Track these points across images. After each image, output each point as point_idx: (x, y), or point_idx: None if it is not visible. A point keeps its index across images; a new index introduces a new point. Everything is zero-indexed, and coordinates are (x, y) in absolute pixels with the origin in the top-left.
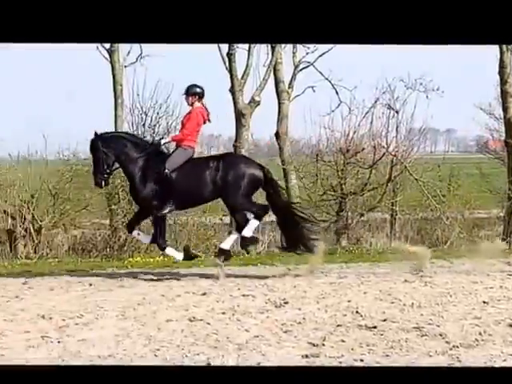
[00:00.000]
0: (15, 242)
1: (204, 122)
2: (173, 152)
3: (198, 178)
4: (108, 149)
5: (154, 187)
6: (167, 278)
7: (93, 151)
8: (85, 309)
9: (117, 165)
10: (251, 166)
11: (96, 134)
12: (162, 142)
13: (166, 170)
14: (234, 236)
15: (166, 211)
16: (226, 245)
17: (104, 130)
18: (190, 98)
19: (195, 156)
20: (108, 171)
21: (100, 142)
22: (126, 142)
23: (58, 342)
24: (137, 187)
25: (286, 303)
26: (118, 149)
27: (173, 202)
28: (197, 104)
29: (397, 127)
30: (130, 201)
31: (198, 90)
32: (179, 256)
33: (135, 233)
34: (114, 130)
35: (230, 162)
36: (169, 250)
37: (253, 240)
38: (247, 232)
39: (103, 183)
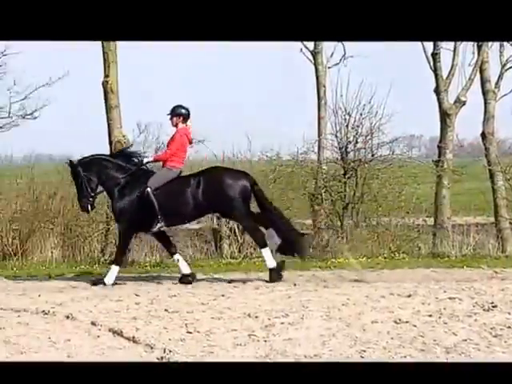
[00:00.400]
0: (220, 241)
1: (190, 143)
2: (157, 172)
3: (181, 196)
4: (89, 172)
5: (133, 205)
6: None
7: (74, 177)
8: (290, 308)
9: (101, 188)
10: (238, 177)
11: (71, 161)
12: (145, 161)
13: (148, 189)
14: (267, 252)
15: (155, 229)
16: (271, 264)
17: (304, 131)
18: (175, 119)
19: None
20: (92, 194)
21: (80, 168)
22: (107, 163)
23: (265, 340)
24: (113, 204)
25: (494, 307)
26: (100, 171)
27: (161, 220)
28: (181, 125)
29: None
30: (334, 201)
31: (183, 111)
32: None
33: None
34: (93, 154)
35: (214, 178)
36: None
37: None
38: (270, 264)
39: (89, 207)
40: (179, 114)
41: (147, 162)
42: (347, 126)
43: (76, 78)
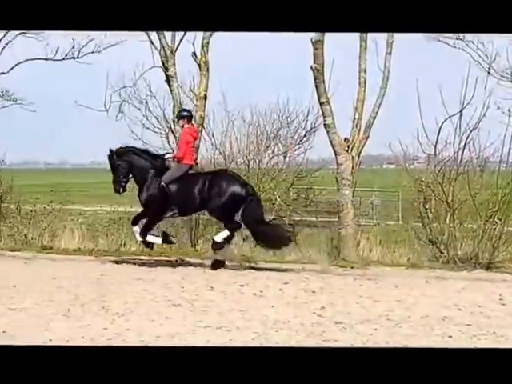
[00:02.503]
0: None
1: (194, 139)
2: (171, 167)
3: (190, 190)
4: (122, 161)
5: (153, 194)
6: None
7: (110, 164)
8: None
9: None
10: (234, 183)
11: (111, 150)
12: (166, 156)
13: (162, 183)
14: (225, 233)
15: (168, 215)
16: (218, 238)
17: None
18: (181, 121)
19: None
20: (124, 180)
21: (115, 156)
22: (137, 155)
23: None
24: (141, 193)
25: None
26: (131, 161)
27: (174, 208)
28: (186, 125)
29: None
30: None
31: (185, 113)
32: (158, 240)
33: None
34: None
35: (216, 179)
36: (149, 238)
37: (221, 246)
38: (218, 238)
39: (121, 190)
40: (183, 116)
41: (168, 158)
42: None
43: None
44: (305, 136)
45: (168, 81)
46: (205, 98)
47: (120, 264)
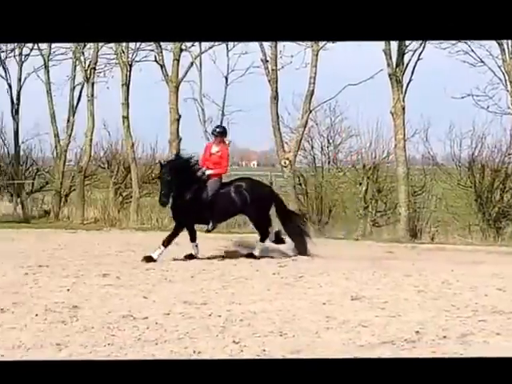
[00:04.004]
0: None
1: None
2: (209, 183)
3: (227, 199)
4: (169, 175)
5: (197, 208)
6: None
7: (160, 177)
8: None
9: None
10: (262, 187)
11: (160, 163)
12: (207, 172)
13: (209, 198)
14: (260, 246)
15: (211, 227)
16: (256, 252)
17: None
18: (218, 138)
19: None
20: (170, 193)
21: (163, 169)
22: (182, 169)
23: None
24: (186, 206)
25: None
26: (177, 175)
27: (215, 221)
28: (223, 142)
29: None
30: None
31: (218, 129)
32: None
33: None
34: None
35: (248, 186)
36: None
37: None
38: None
39: (165, 202)
40: (222, 133)
41: (209, 174)
42: None
43: None
44: None
45: None
46: None
47: None
